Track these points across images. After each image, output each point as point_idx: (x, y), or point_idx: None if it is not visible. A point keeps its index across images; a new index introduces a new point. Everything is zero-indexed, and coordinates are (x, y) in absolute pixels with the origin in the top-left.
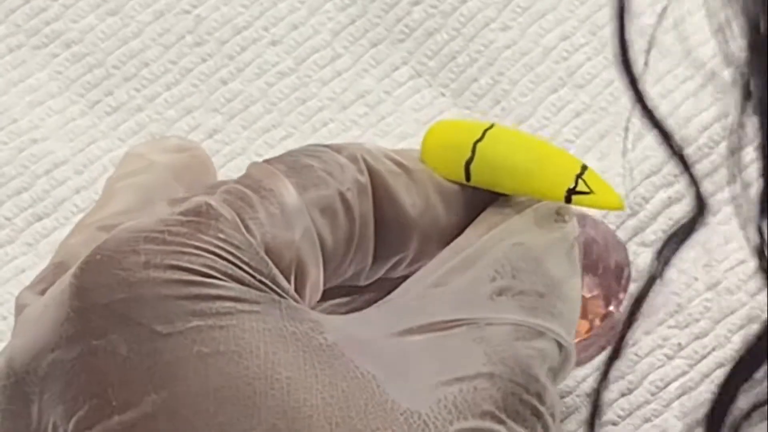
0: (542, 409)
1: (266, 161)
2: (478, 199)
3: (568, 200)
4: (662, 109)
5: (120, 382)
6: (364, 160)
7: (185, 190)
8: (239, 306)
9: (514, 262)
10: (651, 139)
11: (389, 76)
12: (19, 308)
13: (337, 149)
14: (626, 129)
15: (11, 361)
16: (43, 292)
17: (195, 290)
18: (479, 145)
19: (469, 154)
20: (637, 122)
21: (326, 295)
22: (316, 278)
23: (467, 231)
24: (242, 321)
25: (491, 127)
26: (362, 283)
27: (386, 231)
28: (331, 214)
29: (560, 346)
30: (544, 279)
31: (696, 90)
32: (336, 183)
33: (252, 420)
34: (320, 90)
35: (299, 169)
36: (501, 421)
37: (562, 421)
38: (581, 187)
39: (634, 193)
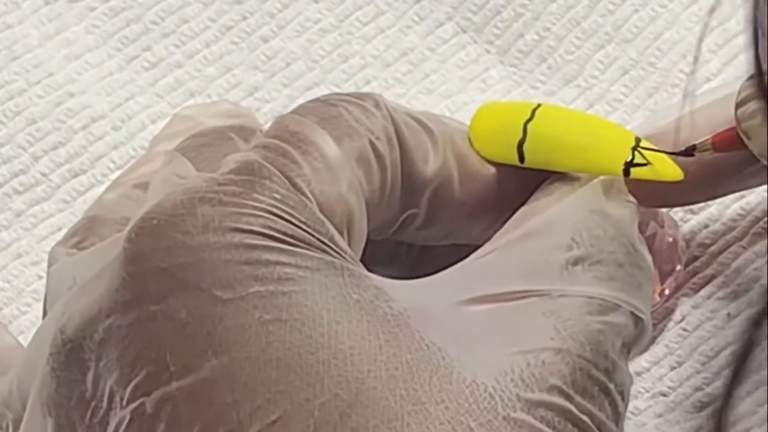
0: (611, 386)
1: (295, 112)
2: (505, 181)
3: (626, 173)
4: None
5: (178, 348)
6: (386, 108)
7: None
8: (301, 272)
9: (592, 230)
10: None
11: (433, 33)
12: (52, 263)
13: (359, 97)
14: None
15: (65, 328)
16: (75, 246)
17: (256, 255)
18: (530, 124)
19: (520, 135)
20: (684, 77)
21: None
22: (362, 230)
23: (533, 200)
24: (305, 287)
25: (539, 106)
26: (375, 237)
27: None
28: (365, 164)
29: (636, 319)
30: (625, 248)
31: None
32: (366, 132)
33: (314, 389)
34: (363, 47)
35: (330, 119)
36: (569, 397)
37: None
38: (638, 159)
39: None
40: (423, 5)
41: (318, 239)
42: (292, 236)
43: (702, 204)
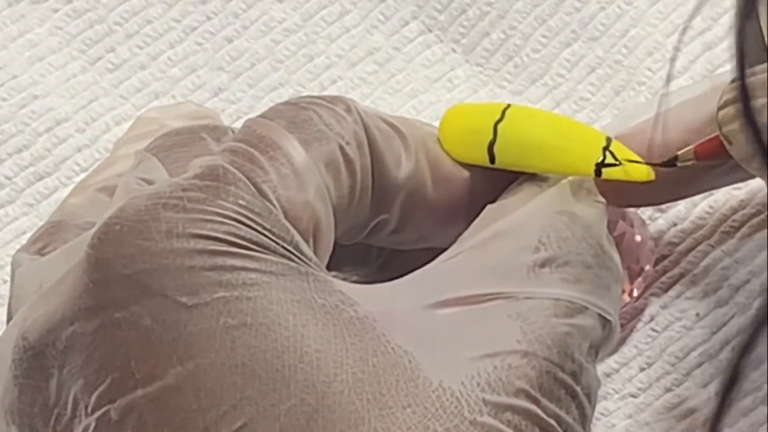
0: (578, 389)
1: (264, 116)
2: (477, 184)
3: (598, 174)
4: None
5: (143, 354)
6: (358, 112)
7: None
8: (266, 277)
9: (560, 231)
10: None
11: (398, 32)
12: (15, 268)
13: (330, 101)
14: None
15: (27, 335)
16: (38, 252)
17: (220, 260)
18: (500, 125)
19: (491, 136)
20: (651, 75)
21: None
22: (329, 237)
23: (500, 200)
24: (269, 292)
25: (508, 107)
26: (344, 242)
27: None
28: (334, 169)
29: (604, 321)
30: (593, 249)
31: None
32: (336, 136)
33: (280, 394)
34: (328, 47)
35: (299, 123)
36: (535, 400)
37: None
38: (609, 159)
39: None
40: (388, 4)
41: (282, 246)
42: (256, 243)
43: (670, 203)
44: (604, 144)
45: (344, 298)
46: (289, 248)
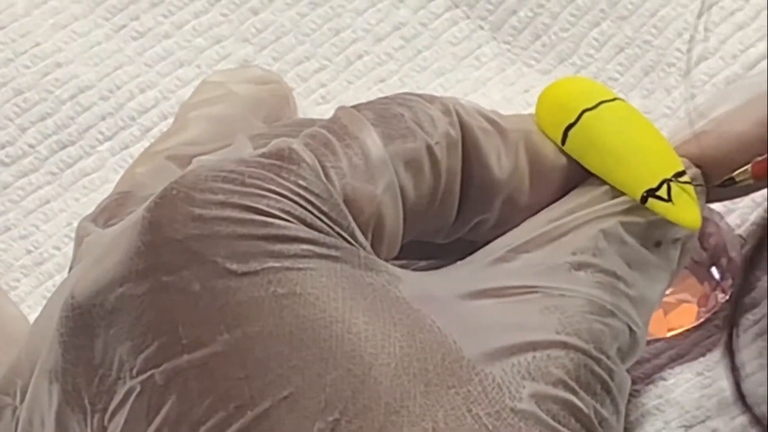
0: (612, 384)
1: (356, 106)
2: (572, 176)
3: (643, 200)
4: None
5: (191, 320)
6: (457, 113)
7: (263, 124)
8: (317, 249)
9: (598, 243)
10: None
11: (425, 7)
12: (79, 239)
13: (430, 100)
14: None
15: (77, 293)
16: (104, 222)
17: (273, 231)
18: (587, 113)
19: (573, 119)
20: (680, 56)
21: (403, 254)
22: (395, 233)
23: (556, 205)
24: (320, 265)
25: (612, 100)
26: (441, 240)
27: (471, 189)
28: (415, 167)
29: (631, 329)
30: (625, 262)
31: None
32: (425, 135)
33: (326, 364)
34: (354, 21)
35: (388, 117)
36: (573, 391)
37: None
38: (662, 192)
39: None
40: None
41: (335, 231)
42: (309, 224)
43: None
44: (668, 175)
45: (391, 279)
46: (344, 234)
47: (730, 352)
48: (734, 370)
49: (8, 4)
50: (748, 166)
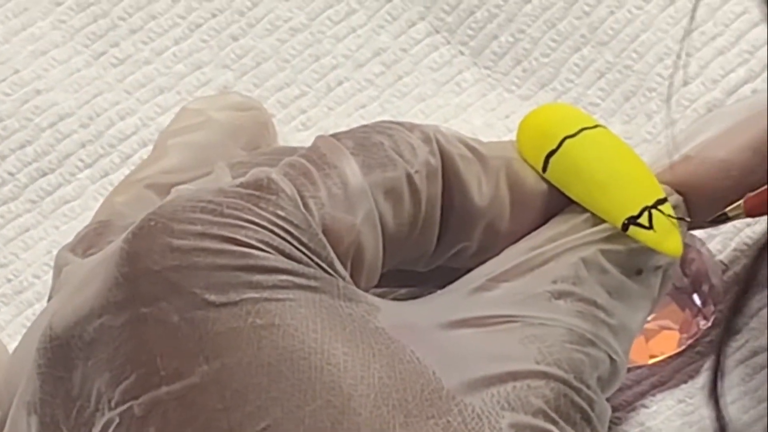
0: (592, 415)
1: (335, 135)
2: (553, 203)
3: (625, 228)
4: None
5: (169, 352)
6: (437, 141)
7: (242, 151)
8: (296, 280)
9: (578, 272)
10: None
11: (405, 33)
12: (58, 268)
13: (410, 128)
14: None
15: (55, 324)
16: (83, 252)
17: (251, 261)
18: (568, 141)
19: (554, 146)
20: (661, 81)
21: (384, 282)
22: (374, 263)
23: (537, 233)
24: (299, 296)
25: (594, 127)
26: (421, 268)
27: (451, 217)
28: (395, 197)
29: (611, 358)
30: (605, 291)
31: None
32: (405, 164)
33: (305, 395)
34: (334, 47)
35: (368, 146)
36: (553, 421)
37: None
38: (643, 220)
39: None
40: (395, 4)
41: (314, 261)
42: (287, 255)
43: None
44: (650, 203)
45: (370, 309)
46: (322, 264)
47: (715, 380)
48: (716, 398)
49: None
50: (741, 202)
